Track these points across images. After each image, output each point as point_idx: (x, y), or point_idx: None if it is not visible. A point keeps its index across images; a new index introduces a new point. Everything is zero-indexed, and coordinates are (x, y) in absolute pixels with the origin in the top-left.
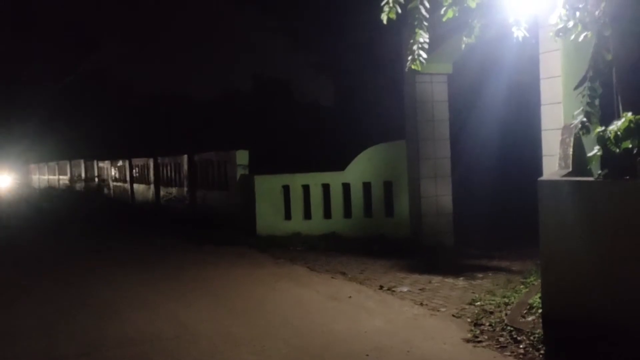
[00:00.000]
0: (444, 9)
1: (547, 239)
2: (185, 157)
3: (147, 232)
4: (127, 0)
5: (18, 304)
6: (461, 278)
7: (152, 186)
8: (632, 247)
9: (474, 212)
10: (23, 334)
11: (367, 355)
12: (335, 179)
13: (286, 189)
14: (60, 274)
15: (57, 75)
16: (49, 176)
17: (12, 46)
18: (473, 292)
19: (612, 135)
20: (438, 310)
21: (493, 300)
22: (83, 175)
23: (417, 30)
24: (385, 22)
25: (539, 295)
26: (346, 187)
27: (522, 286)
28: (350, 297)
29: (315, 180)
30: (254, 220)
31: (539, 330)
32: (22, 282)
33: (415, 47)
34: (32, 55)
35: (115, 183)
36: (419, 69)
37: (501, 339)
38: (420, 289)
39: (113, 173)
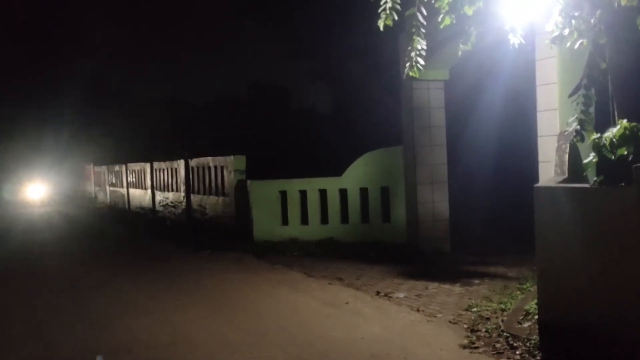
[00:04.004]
0: (441, 16)
1: (543, 245)
2: (182, 162)
3: (143, 238)
4: (129, 5)
5: (15, 311)
6: (458, 284)
7: (148, 191)
8: (627, 254)
9: (471, 218)
10: (19, 340)
11: None
12: (332, 184)
13: (283, 194)
14: (55, 281)
15: (53, 80)
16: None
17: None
18: (469, 298)
19: (607, 142)
20: (434, 317)
21: (489, 306)
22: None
23: (414, 37)
24: (382, 29)
25: (535, 301)
26: (343, 192)
27: (518, 292)
28: (347, 303)
29: (312, 185)
30: (250, 226)
31: (535, 337)
32: (18, 288)
33: (412, 54)
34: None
35: (111, 188)
36: (417, 75)
37: (497, 345)
38: (417, 295)
39: (109, 178)
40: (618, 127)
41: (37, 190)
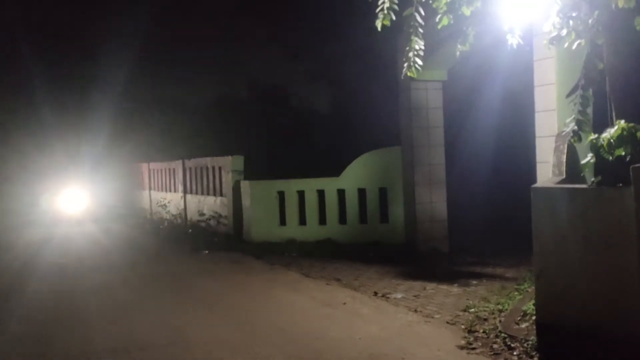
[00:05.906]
0: (439, 16)
1: (541, 246)
2: (180, 162)
3: (140, 238)
4: (125, 5)
5: (10, 311)
6: (455, 285)
7: (146, 192)
8: (624, 254)
9: (469, 219)
10: (16, 341)
11: None
12: (330, 185)
13: (281, 194)
14: (51, 280)
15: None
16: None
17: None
18: (467, 299)
19: (605, 143)
20: (432, 317)
21: (487, 307)
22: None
23: (412, 37)
24: (379, 29)
25: (533, 302)
26: (341, 193)
27: (516, 293)
28: (344, 303)
29: (310, 186)
30: (249, 226)
31: (533, 337)
32: (13, 287)
33: (410, 54)
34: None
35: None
36: (414, 76)
37: (495, 346)
38: (414, 296)
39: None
40: (616, 127)
41: (77, 200)
